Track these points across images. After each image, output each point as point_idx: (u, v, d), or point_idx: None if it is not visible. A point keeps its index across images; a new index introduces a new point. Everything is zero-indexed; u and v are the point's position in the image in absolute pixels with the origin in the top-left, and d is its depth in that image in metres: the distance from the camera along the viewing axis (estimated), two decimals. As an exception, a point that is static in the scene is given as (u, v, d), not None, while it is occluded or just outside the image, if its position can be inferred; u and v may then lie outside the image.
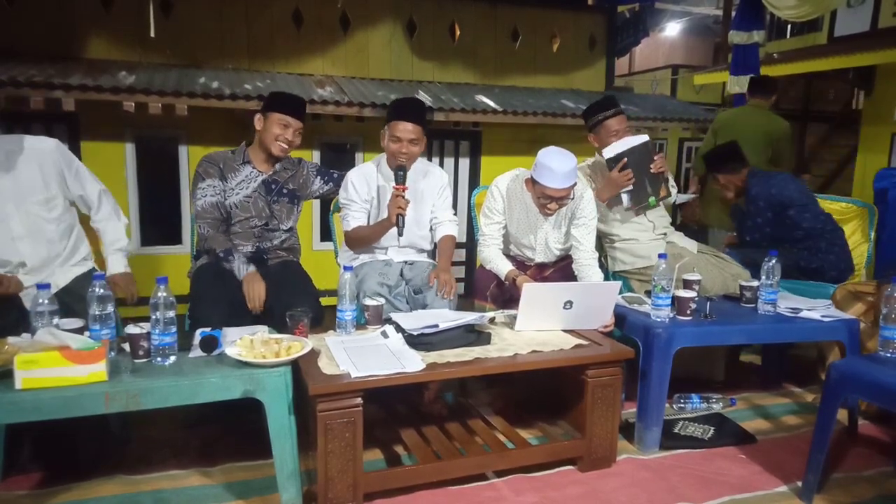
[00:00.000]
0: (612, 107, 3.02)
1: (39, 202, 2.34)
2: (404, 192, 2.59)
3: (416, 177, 2.78)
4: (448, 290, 2.57)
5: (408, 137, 2.64)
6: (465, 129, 5.03)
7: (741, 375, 3.26)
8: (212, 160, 2.66)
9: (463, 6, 5.26)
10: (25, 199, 2.30)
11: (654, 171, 2.97)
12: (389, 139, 2.67)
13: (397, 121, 2.64)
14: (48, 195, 2.36)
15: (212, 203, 2.59)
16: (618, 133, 2.99)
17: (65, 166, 2.42)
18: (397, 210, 2.57)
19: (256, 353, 1.89)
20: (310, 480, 2.09)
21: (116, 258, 2.57)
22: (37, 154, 2.35)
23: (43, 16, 4.25)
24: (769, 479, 2.27)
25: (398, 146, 2.65)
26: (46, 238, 2.36)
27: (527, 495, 2.12)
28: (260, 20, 4.74)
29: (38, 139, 2.40)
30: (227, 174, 2.65)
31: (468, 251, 5.33)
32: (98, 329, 1.85)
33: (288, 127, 2.61)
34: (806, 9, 4.42)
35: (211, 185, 2.61)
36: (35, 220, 2.33)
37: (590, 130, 3.09)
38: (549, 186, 2.60)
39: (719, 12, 10.48)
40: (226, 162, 2.67)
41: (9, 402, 1.66)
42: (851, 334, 2.56)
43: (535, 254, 2.92)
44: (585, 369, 2.22)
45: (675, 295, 2.47)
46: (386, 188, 2.78)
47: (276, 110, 2.62)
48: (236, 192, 2.65)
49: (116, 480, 2.14)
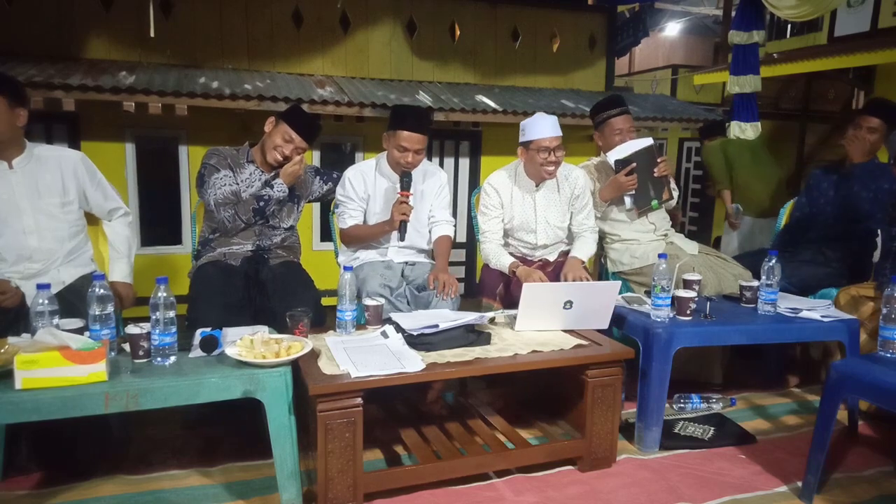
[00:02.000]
0: (617, 105, 3.06)
1: (55, 204, 2.40)
2: (409, 199, 2.63)
3: (416, 178, 2.80)
4: (449, 289, 2.60)
5: (413, 148, 2.69)
6: (465, 129, 5.04)
7: (741, 375, 3.26)
8: (221, 153, 2.68)
9: (463, 6, 5.26)
10: (42, 198, 2.37)
11: (658, 174, 2.97)
12: (394, 147, 2.71)
13: (403, 130, 2.68)
14: (65, 200, 2.43)
15: (232, 191, 2.60)
16: (622, 132, 3.01)
17: (87, 177, 2.50)
18: (401, 216, 2.64)
19: (256, 353, 1.89)
20: (310, 480, 2.09)
21: (121, 266, 2.59)
22: (60, 162, 2.45)
23: (43, 16, 4.25)
24: (769, 479, 2.26)
25: (404, 155, 2.70)
26: (55, 235, 2.39)
27: (527, 495, 2.12)
28: (260, 20, 4.74)
29: (63, 149, 2.54)
30: (235, 168, 2.68)
31: (468, 251, 5.33)
32: (98, 329, 1.85)
33: (290, 142, 2.63)
34: (806, 9, 4.41)
35: (227, 175, 2.63)
36: (47, 217, 2.38)
37: (595, 128, 3.14)
38: (543, 137, 2.76)
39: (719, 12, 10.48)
40: (233, 158, 2.70)
41: (9, 402, 1.66)
42: (851, 334, 2.56)
43: (538, 237, 2.95)
44: (585, 369, 2.22)
45: (675, 295, 2.47)
46: (384, 187, 2.79)
47: (288, 122, 2.64)
48: (242, 189, 2.65)
49: (116, 480, 2.14)
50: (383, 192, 2.82)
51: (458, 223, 5.33)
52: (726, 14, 7.44)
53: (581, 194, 2.97)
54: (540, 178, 2.88)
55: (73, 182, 2.45)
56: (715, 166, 4.82)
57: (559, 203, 2.96)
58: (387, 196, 2.81)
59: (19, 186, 2.33)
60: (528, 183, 2.93)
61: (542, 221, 2.94)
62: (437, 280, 2.63)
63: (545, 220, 2.94)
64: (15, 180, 2.33)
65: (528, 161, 2.86)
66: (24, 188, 2.34)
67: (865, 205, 3.19)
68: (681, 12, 12.49)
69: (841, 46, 6.15)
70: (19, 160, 2.35)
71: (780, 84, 7.30)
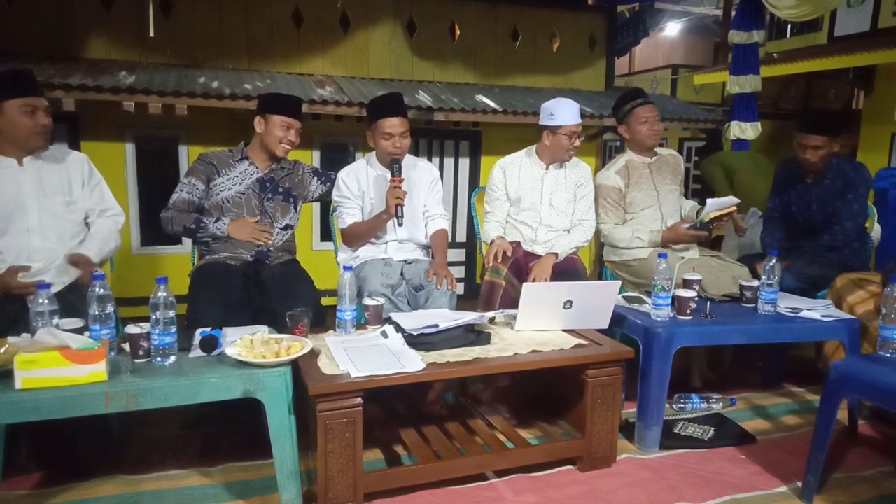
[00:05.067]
0: (641, 96, 3.17)
1: (60, 203, 2.42)
2: (401, 184, 2.67)
3: (406, 165, 2.84)
4: (448, 282, 2.63)
5: (398, 131, 2.75)
6: (465, 129, 5.03)
7: (741, 375, 3.26)
8: (206, 158, 2.72)
9: (463, 6, 5.25)
10: (48, 196, 2.39)
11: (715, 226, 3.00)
12: (381, 137, 2.76)
13: (384, 118, 2.74)
14: (69, 199, 2.45)
15: (184, 199, 2.67)
16: (648, 120, 3.09)
17: (87, 176, 2.52)
18: (396, 200, 2.67)
19: (256, 353, 1.89)
20: (310, 480, 2.09)
21: (93, 244, 2.46)
22: (67, 161, 2.48)
23: (43, 16, 4.25)
24: (769, 479, 2.26)
25: (391, 142, 2.75)
26: (58, 234, 2.40)
27: (527, 495, 2.12)
28: (260, 20, 4.73)
29: (69, 151, 2.57)
30: (222, 169, 2.70)
31: (468, 251, 5.33)
32: (98, 329, 1.86)
33: (290, 128, 2.69)
34: (806, 9, 4.42)
35: (190, 182, 2.68)
36: (52, 215, 2.39)
37: (619, 122, 3.20)
38: (573, 122, 2.93)
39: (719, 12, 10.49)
40: (221, 159, 2.72)
41: (9, 402, 1.66)
42: (851, 334, 2.56)
43: (542, 215, 3.01)
44: (585, 369, 2.22)
45: (675, 295, 2.47)
46: (378, 182, 2.83)
47: (277, 112, 2.67)
48: (228, 186, 2.68)
49: (116, 480, 2.14)
50: (377, 185, 2.85)
51: (459, 223, 5.33)
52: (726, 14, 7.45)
53: (585, 184, 3.09)
54: (556, 160, 3.03)
55: (77, 181, 2.48)
56: (715, 178, 4.82)
57: (565, 188, 3.06)
58: (381, 189, 2.83)
59: (27, 184, 2.35)
60: (539, 164, 3.06)
61: (547, 203, 3.03)
62: (435, 275, 2.64)
63: (550, 203, 3.03)
64: (23, 178, 2.35)
65: (554, 144, 2.98)
66: (32, 186, 2.36)
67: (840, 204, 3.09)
68: (681, 12, 12.49)
69: (841, 46, 6.16)
70: (30, 158, 2.38)
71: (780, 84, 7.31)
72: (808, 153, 3.06)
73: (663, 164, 3.18)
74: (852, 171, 3.09)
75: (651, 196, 3.10)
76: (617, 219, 3.12)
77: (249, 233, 2.64)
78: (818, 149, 3.04)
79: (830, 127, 3.05)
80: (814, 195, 3.16)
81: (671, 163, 3.22)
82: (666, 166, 3.18)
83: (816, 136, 3.03)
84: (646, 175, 3.12)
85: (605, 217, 3.12)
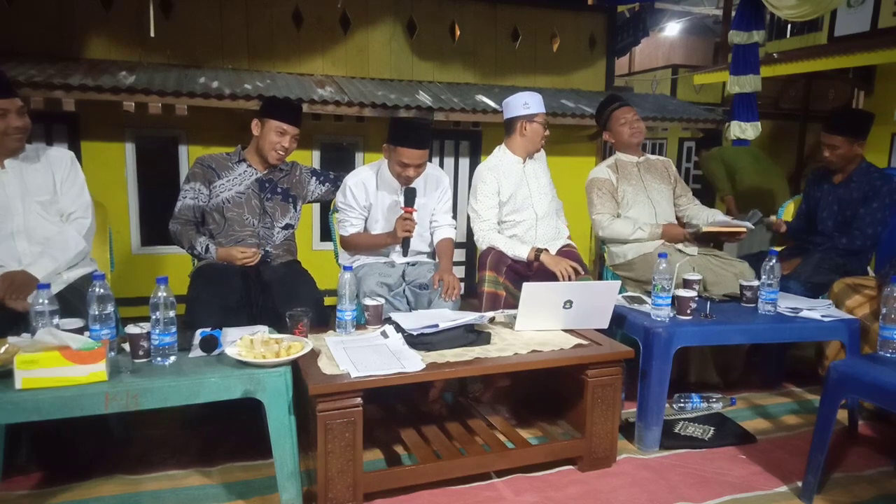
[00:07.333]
0: (617, 100, 3.24)
1: (43, 203, 2.36)
2: (412, 214, 2.64)
3: (418, 188, 2.80)
4: (452, 291, 2.61)
5: (414, 164, 2.70)
6: (465, 129, 5.03)
7: (741, 375, 3.25)
8: (203, 161, 2.72)
9: (463, 6, 5.25)
10: (32, 196, 2.34)
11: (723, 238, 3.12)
12: (395, 162, 2.71)
13: (405, 147, 2.66)
14: (54, 199, 2.39)
15: (189, 206, 2.66)
16: (627, 122, 3.15)
17: (66, 173, 2.44)
18: (405, 233, 2.65)
19: (256, 353, 1.89)
20: (310, 480, 2.09)
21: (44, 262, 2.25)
22: (52, 161, 2.42)
23: (43, 16, 4.25)
24: (769, 479, 2.26)
25: (404, 171, 2.70)
26: (44, 235, 2.34)
27: (527, 495, 2.12)
28: (260, 20, 4.73)
29: (56, 149, 2.50)
30: (220, 171, 2.70)
31: (468, 251, 5.33)
32: (98, 329, 1.85)
33: (285, 134, 2.67)
34: (806, 9, 4.42)
35: (193, 187, 2.67)
36: (36, 218, 2.34)
37: (603, 128, 3.28)
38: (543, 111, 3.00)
39: (719, 12, 10.48)
40: (219, 162, 2.72)
41: (9, 402, 1.66)
42: (851, 334, 2.56)
43: (535, 207, 3.02)
44: (585, 369, 2.22)
45: (675, 295, 2.47)
46: (385, 197, 2.80)
47: (274, 117, 2.66)
48: (228, 187, 2.68)
49: (116, 480, 2.14)
50: (385, 202, 2.82)
51: (458, 223, 5.32)
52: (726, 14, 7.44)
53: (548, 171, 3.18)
54: (530, 151, 3.04)
55: (59, 178, 2.40)
56: (716, 174, 4.82)
57: (544, 173, 3.12)
58: (388, 206, 2.81)
59: (10, 187, 2.29)
60: (515, 160, 3.04)
61: (537, 192, 3.04)
62: (441, 280, 2.63)
63: (539, 192, 3.04)
64: (6, 181, 2.29)
65: (531, 133, 2.99)
66: (15, 188, 2.30)
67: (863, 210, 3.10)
68: (681, 12, 12.49)
69: (841, 46, 6.16)
70: (11, 160, 2.31)
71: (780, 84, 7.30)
72: (826, 151, 3.17)
73: (651, 166, 3.26)
74: (880, 179, 3.13)
75: (641, 192, 3.14)
76: (612, 210, 3.14)
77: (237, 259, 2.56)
78: (835, 148, 3.12)
79: (850, 128, 3.11)
80: (837, 195, 3.21)
81: (659, 166, 3.29)
82: (654, 169, 3.26)
83: (835, 136, 3.11)
84: (634, 172, 3.19)
85: (601, 207, 3.13)
